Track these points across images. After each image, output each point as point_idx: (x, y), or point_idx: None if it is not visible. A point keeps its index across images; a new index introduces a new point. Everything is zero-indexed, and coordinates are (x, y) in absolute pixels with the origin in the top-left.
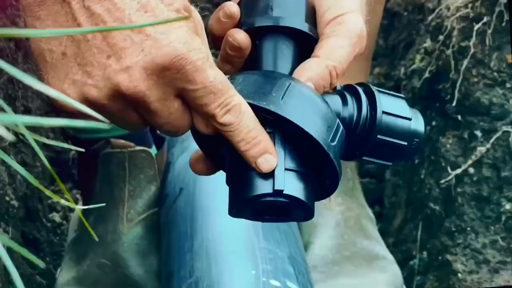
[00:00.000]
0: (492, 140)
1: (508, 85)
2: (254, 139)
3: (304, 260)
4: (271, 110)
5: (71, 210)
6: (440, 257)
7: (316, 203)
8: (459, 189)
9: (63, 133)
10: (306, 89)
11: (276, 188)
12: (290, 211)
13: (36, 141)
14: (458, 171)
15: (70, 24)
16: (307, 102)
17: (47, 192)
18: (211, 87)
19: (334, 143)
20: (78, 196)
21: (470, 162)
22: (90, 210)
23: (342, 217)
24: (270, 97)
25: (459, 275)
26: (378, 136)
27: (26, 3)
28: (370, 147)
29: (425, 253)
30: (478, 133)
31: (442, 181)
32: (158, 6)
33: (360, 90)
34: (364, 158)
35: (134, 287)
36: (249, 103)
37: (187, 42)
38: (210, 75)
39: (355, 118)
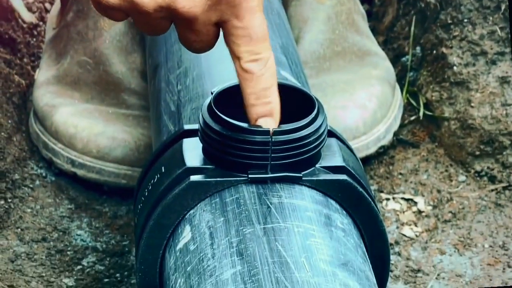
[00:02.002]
0: None
1: None
2: (265, 98)
3: (297, 52)
4: None
5: (47, 11)
6: (434, 51)
7: None
8: None
9: None
10: None
11: None
12: None
13: None
14: None
15: None
16: None
17: None
18: (251, 31)
19: None
20: None
21: None
22: (69, 6)
23: (333, 11)
24: None
25: (455, 68)
26: None
27: None
28: None
29: (418, 48)
30: None
31: None
32: None
33: None
34: None
35: (117, 85)
36: None
37: None
38: (257, 19)
39: None
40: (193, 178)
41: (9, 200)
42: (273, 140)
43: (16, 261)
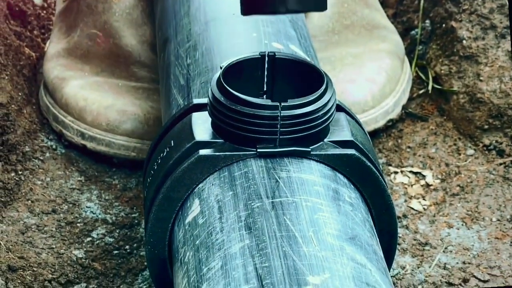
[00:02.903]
0: None
1: None
2: None
3: (306, 25)
4: None
5: None
6: (443, 25)
7: None
8: None
9: None
10: None
11: None
12: None
13: None
14: None
15: None
16: None
17: None
18: None
19: None
20: None
21: None
22: None
23: None
24: None
25: (464, 42)
26: None
27: None
28: None
29: (428, 21)
30: None
31: None
32: None
33: None
34: None
35: (127, 58)
36: None
37: None
38: None
39: None
40: (202, 152)
41: (20, 172)
42: (281, 114)
43: (27, 233)
